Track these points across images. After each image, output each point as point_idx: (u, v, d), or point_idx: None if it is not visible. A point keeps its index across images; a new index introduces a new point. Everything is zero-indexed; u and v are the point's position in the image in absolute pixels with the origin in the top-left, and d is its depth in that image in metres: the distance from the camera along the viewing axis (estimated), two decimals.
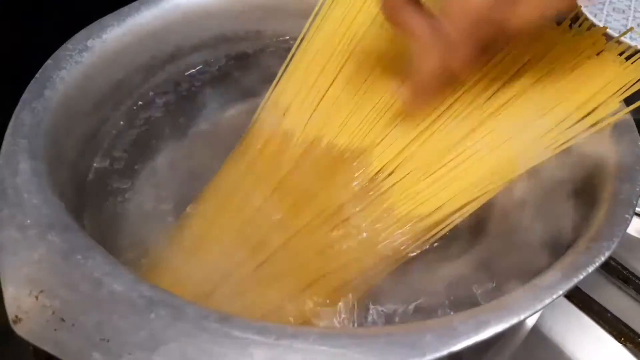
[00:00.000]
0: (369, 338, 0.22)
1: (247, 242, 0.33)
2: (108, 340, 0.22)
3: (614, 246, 0.27)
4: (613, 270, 0.41)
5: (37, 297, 0.23)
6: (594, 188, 0.32)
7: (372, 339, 0.22)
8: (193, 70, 0.47)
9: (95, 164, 0.39)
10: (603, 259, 0.26)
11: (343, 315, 0.27)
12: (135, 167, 0.39)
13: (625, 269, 0.41)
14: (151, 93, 0.45)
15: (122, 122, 0.42)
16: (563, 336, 0.38)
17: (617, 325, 0.38)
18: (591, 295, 0.39)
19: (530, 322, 0.38)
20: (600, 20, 0.65)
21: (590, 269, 0.25)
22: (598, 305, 0.39)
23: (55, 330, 0.22)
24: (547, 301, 0.24)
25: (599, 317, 0.39)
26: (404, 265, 0.32)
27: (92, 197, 0.36)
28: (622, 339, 0.38)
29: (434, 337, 0.22)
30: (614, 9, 0.69)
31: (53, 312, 0.23)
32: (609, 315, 0.39)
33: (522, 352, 0.37)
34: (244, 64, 0.47)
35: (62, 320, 0.23)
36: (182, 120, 0.43)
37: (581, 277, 0.25)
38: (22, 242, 0.25)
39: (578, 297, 0.39)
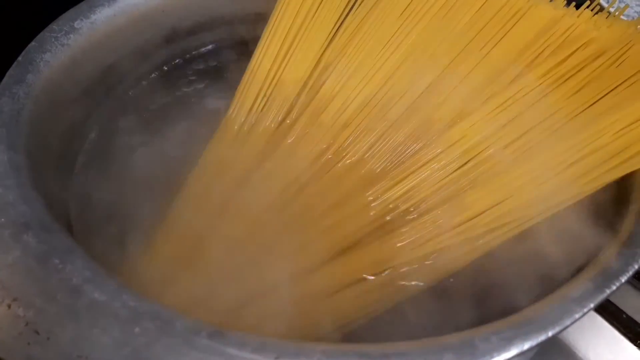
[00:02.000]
0: (380, 357, 0.20)
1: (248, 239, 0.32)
2: (86, 358, 0.20)
3: None
4: None
5: (9, 306, 0.22)
6: (624, 189, 0.29)
7: (384, 358, 0.20)
8: (190, 55, 0.46)
9: (83, 156, 0.37)
10: (637, 266, 0.24)
11: None
12: (128, 158, 0.37)
13: None
14: (145, 79, 0.43)
15: (113, 110, 0.41)
16: (576, 338, 0.37)
17: (633, 327, 0.37)
18: None
19: None
20: (614, 8, 0.64)
21: (624, 279, 0.23)
22: (613, 305, 0.38)
23: (29, 344, 0.21)
24: (577, 315, 0.22)
25: (614, 319, 0.38)
26: None
27: (79, 193, 0.34)
28: (638, 341, 0.37)
29: (453, 357, 0.20)
30: None
31: (27, 324, 0.21)
32: (624, 316, 0.38)
33: (533, 355, 0.35)
34: (242, 48, 0.44)
35: (37, 332, 0.21)
36: (177, 107, 0.42)
37: (614, 287, 0.23)
38: None
39: None
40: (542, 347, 0.35)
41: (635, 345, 0.36)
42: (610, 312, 0.37)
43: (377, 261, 0.31)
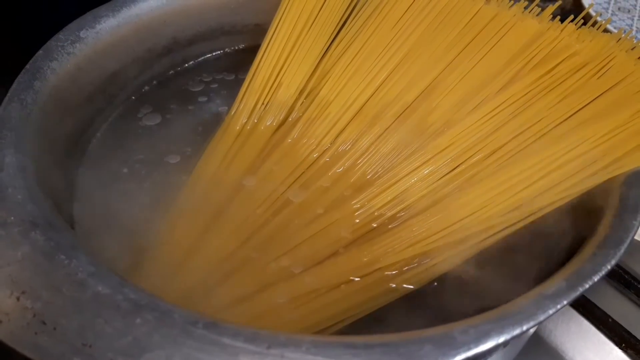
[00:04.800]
0: (364, 347, 0.21)
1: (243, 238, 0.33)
2: (90, 346, 0.21)
3: (620, 253, 0.26)
4: (614, 274, 0.40)
5: (18, 299, 0.22)
6: (602, 193, 0.31)
7: (368, 348, 0.21)
8: (190, 64, 0.47)
9: (86, 159, 0.38)
10: (610, 266, 0.25)
11: None
12: (129, 162, 0.38)
13: (627, 273, 0.41)
14: (146, 86, 0.44)
15: (115, 116, 0.42)
16: (563, 341, 0.38)
17: (618, 330, 0.38)
18: (592, 300, 0.39)
19: (532, 328, 0.37)
20: (604, 20, 0.65)
21: (597, 278, 0.24)
22: (599, 310, 0.39)
23: (36, 333, 0.21)
24: (551, 311, 0.23)
25: (600, 322, 0.38)
26: None
27: (83, 194, 0.35)
28: (623, 344, 0.37)
29: (433, 348, 0.21)
30: (619, 9, 0.69)
31: (34, 315, 0.22)
32: (610, 320, 0.38)
33: (520, 357, 0.36)
34: (242, 57, 0.46)
35: (44, 323, 0.22)
36: (178, 114, 0.42)
37: (587, 286, 0.24)
38: (5, 240, 0.24)
39: (578, 302, 0.39)
40: (529, 350, 0.37)
41: (621, 348, 0.37)
42: (596, 316, 0.38)
43: (364, 264, 0.32)
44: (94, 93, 0.39)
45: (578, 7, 0.67)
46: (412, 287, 0.31)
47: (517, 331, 0.22)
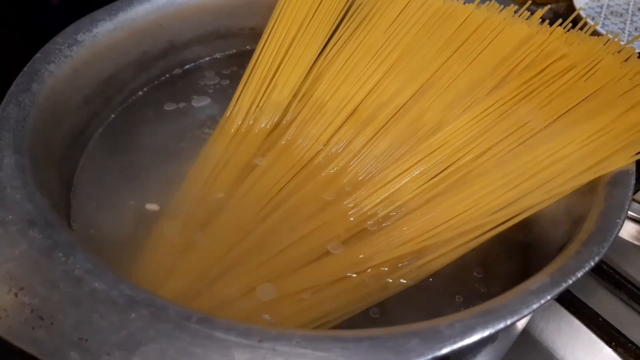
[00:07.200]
0: (353, 341, 0.21)
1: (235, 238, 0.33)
2: (87, 340, 0.21)
3: (604, 250, 0.27)
4: (605, 274, 0.41)
5: (16, 295, 0.23)
6: (588, 192, 0.31)
7: (356, 342, 0.21)
8: (186, 67, 0.48)
9: (83, 160, 0.38)
10: (593, 263, 0.26)
11: None
12: (125, 164, 0.38)
13: (617, 273, 0.41)
14: (143, 89, 0.45)
15: (112, 118, 0.42)
16: (554, 340, 0.38)
17: (608, 329, 0.38)
18: (582, 299, 0.39)
19: (521, 325, 0.37)
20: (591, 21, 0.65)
21: (580, 274, 0.25)
22: (589, 309, 0.39)
23: (34, 328, 0.22)
24: (535, 306, 0.23)
25: (590, 321, 0.39)
26: None
27: (80, 193, 0.36)
28: (613, 343, 0.38)
29: (419, 342, 0.21)
30: (611, 12, 0.69)
31: (32, 310, 0.22)
32: (600, 319, 0.39)
33: (512, 356, 0.37)
34: (237, 61, 0.46)
35: (41, 318, 0.22)
36: (174, 117, 0.43)
37: (570, 282, 0.25)
38: (3, 238, 0.25)
39: (569, 301, 0.39)
40: (520, 348, 0.37)
41: (611, 347, 0.37)
42: (587, 315, 0.39)
43: (359, 260, 0.32)
44: (91, 95, 0.39)
45: (571, 12, 0.67)
46: (406, 282, 0.31)
47: (501, 325, 0.23)
